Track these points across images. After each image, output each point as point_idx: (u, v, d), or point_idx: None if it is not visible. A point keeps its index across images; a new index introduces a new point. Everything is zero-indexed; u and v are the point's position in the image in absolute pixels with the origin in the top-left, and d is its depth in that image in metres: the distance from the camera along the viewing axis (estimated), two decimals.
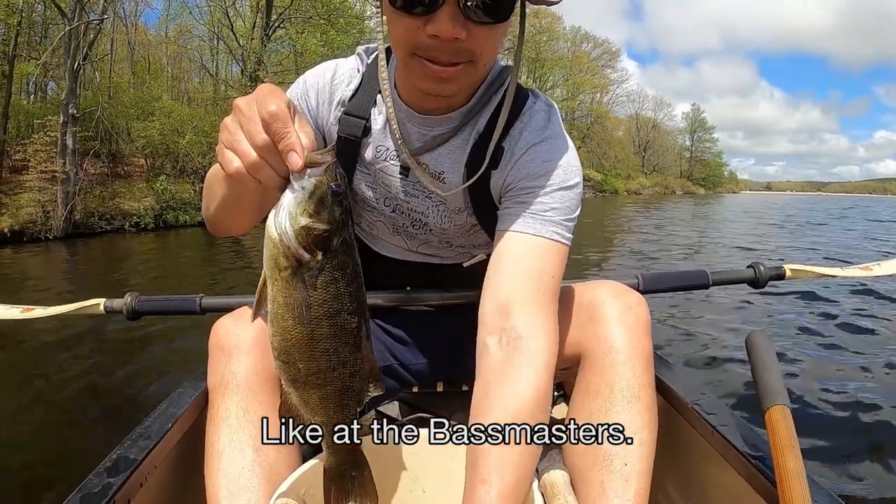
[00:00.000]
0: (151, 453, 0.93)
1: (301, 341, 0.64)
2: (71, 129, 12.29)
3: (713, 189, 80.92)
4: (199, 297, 1.31)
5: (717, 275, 1.40)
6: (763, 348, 0.99)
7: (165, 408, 1.07)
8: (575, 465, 0.93)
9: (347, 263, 0.64)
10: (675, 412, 1.11)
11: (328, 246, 0.61)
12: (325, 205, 0.60)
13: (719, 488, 0.98)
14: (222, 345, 0.97)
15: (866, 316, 4.07)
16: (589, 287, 1.03)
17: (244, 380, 0.93)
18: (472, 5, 0.73)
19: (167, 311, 1.35)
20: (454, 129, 0.96)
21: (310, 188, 0.59)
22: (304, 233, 0.59)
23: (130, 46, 20.23)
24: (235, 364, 0.94)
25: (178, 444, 1.03)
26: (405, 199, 1.03)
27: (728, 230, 13.00)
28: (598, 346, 0.94)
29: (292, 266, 0.61)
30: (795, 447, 0.80)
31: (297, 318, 0.63)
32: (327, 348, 0.65)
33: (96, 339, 3.84)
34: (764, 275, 1.41)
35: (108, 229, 12.55)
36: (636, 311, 0.97)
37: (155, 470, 0.94)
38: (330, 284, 0.63)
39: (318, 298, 0.63)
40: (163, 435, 0.97)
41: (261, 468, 0.89)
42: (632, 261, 8.04)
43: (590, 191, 45.36)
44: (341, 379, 0.69)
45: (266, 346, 0.85)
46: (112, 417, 2.65)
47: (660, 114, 71.28)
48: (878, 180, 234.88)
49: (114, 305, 1.32)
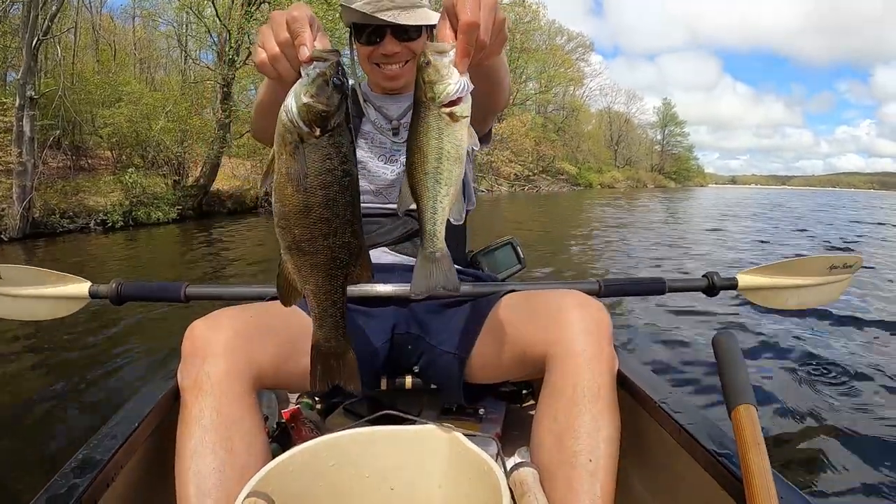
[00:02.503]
0: (118, 453, 0.92)
1: (297, 207, 0.74)
2: (28, 114, 10.48)
3: (683, 183, 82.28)
4: (185, 286, 1.32)
5: (673, 282, 1.47)
6: (730, 349, 1.02)
7: (132, 407, 1.05)
8: (542, 462, 0.96)
9: (342, 144, 0.73)
10: (643, 411, 1.13)
11: (325, 125, 0.71)
12: (325, 89, 0.71)
13: (687, 485, 1.00)
14: (196, 346, 0.97)
15: (832, 314, 4.17)
16: (554, 295, 1.09)
17: (217, 382, 0.93)
18: (400, 37, 1.31)
19: (151, 298, 1.37)
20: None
21: (313, 75, 0.71)
22: (305, 109, 0.70)
23: (95, 31, 19.17)
24: (209, 366, 0.94)
25: (145, 444, 1.01)
26: (395, 149, 1.38)
27: None
28: (562, 350, 0.99)
29: (295, 141, 0.71)
30: (761, 445, 0.82)
31: (295, 187, 0.73)
32: (319, 216, 0.74)
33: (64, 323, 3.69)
34: (717, 284, 1.49)
35: (72, 228, 10.96)
36: (597, 317, 1.02)
37: (122, 470, 0.93)
38: (325, 159, 0.73)
39: (313, 170, 0.72)
40: (129, 434, 0.96)
41: (232, 469, 0.89)
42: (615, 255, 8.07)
43: (564, 184, 45.64)
44: (331, 248, 0.77)
45: (240, 349, 0.96)
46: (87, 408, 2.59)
47: (632, 108, 72.23)
48: (845, 174, 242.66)
49: (99, 290, 1.34)
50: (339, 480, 0.96)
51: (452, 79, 0.72)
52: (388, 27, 1.29)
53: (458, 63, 0.72)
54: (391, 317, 1.27)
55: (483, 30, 0.71)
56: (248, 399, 0.96)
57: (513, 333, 1.08)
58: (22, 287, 1.35)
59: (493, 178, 34.88)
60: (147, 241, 10.23)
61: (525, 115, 43.07)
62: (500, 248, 1.65)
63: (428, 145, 0.75)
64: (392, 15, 1.26)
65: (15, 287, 1.35)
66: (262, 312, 1.10)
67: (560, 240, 10.04)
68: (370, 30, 1.31)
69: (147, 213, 12.31)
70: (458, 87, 0.72)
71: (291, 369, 1.08)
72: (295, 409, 1.34)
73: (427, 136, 0.74)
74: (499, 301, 1.16)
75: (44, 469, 1.99)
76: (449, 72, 0.72)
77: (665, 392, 1.13)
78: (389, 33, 1.30)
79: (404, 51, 1.32)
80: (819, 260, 1.58)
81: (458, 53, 0.71)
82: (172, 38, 22.15)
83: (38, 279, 1.35)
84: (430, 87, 0.72)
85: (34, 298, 1.35)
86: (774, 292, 1.55)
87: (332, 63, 0.72)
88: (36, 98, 10.75)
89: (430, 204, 0.78)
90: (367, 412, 1.39)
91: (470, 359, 1.15)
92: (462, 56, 0.71)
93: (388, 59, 1.33)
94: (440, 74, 0.72)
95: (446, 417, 1.44)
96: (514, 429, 1.48)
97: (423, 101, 0.74)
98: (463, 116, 0.74)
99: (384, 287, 1.25)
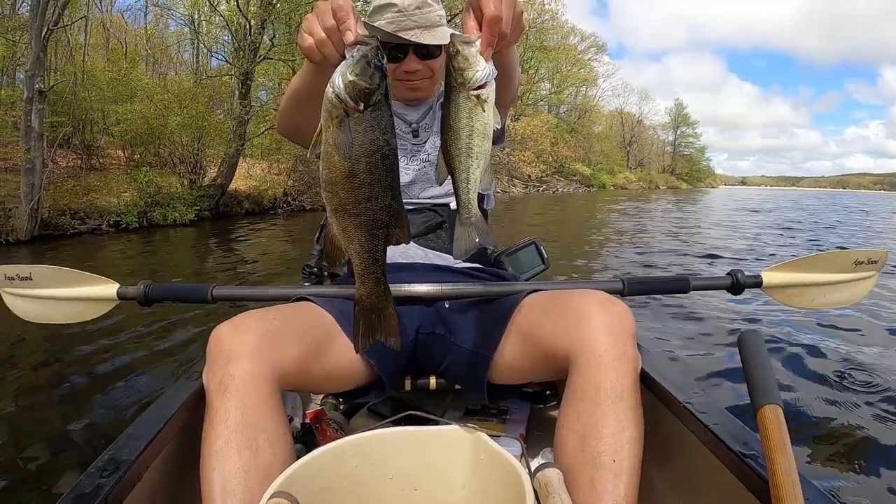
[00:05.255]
0: (144, 454, 0.92)
1: (343, 173, 0.82)
2: (37, 108, 9.52)
3: (695, 184, 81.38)
4: (212, 287, 1.33)
5: (697, 281, 1.45)
6: (755, 347, 1.00)
7: (157, 408, 1.06)
8: (566, 463, 0.96)
9: (382, 118, 0.82)
10: (667, 411, 1.12)
11: (368, 100, 0.80)
12: (368, 69, 0.79)
13: (711, 486, 1.00)
14: (222, 348, 0.98)
15: (860, 313, 4.10)
16: (578, 295, 1.09)
17: (243, 383, 0.95)
18: (420, 55, 1.38)
19: (179, 299, 1.39)
20: (431, 104, 1.51)
21: (357, 56, 0.79)
22: (351, 86, 0.78)
23: (105, 29, 19.01)
24: (234, 367, 0.95)
25: (170, 445, 1.02)
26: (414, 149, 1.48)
27: None
28: (585, 351, 0.99)
29: (341, 115, 0.80)
30: (788, 446, 0.81)
31: (342, 155, 0.81)
32: (363, 181, 0.82)
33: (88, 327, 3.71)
34: (742, 282, 1.47)
35: (83, 230, 10.28)
36: (621, 317, 1.01)
37: (147, 470, 0.94)
38: (368, 130, 0.81)
39: (357, 140, 0.81)
40: (155, 435, 0.97)
41: (257, 470, 0.90)
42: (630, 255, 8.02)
43: (578, 185, 45.40)
44: (373, 210, 0.85)
45: (264, 351, 0.98)
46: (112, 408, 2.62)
47: (645, 108, 71.62)
48: (854, 175, 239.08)
49: (128, 292, 1.36)
50: (363, 481, 0.96)
51: (479, 66, 0.81)
52: (411, 46, 1.37)
53: (483, 52, 0.81)
54: (416, 317, 1.28)
55: (504, 22, 0.80)
56: (273, 400, 0.97)
57: (536, 333, 1.09)
58: (53, 289, 1.36)
59: (507, 178, 34.73)
60: (163, 243, 9.86)
61: (544, 115, 42.95)
62: (523, 249, 1.66)
63: (459, 124, 0.85)
64: (415, 34, 1.34)
65: (46, 289, 1.36)
66: (285, 315, 1.11)
67: (581, 240, 9.96)
68: (393, 47, 1.38)
69: (163, 215, 11.71)
70: (484, 73, 0.82)
71: (316, 371, 1.09)
72: (319, 409, 1.35)
73: (458, 116, 0.85)
74: (522, 301, 1.16)
75: (72, 469, 2.01)
76: (476, 60, 0.81)
77: (689, 392, 1.12)
78: (412, 51, 1.39)
79: (425, 68, 1.42)
80: (842, 255, 1.55)
81: (483, 44, 0.81)
82: (185, 38, 22.07)
83: (69, 280, 1.36)
84: (459, 74, 0.82)
85: (65, 300, 1.36)
86: (800, 290, 1.52)
87: (373, 46, 0.80)
88: (45, 91, 9.88)
89: (464, 176, 0.88)
90: (390, 413, 1.40)
91: (494, 359, 1.15)
92: (486, 46, 0.81)
93: (410, 75, 1.41)
94: (469, 62, 0.81)
95: (470, 418, 1.45)
96: (538, 430, 1.48)
97: (453, 87, 0.84)
98: (489, 98, 0.84)
99: (409, 287, 1.26)
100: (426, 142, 1.49)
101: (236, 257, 7.94)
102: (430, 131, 1.50)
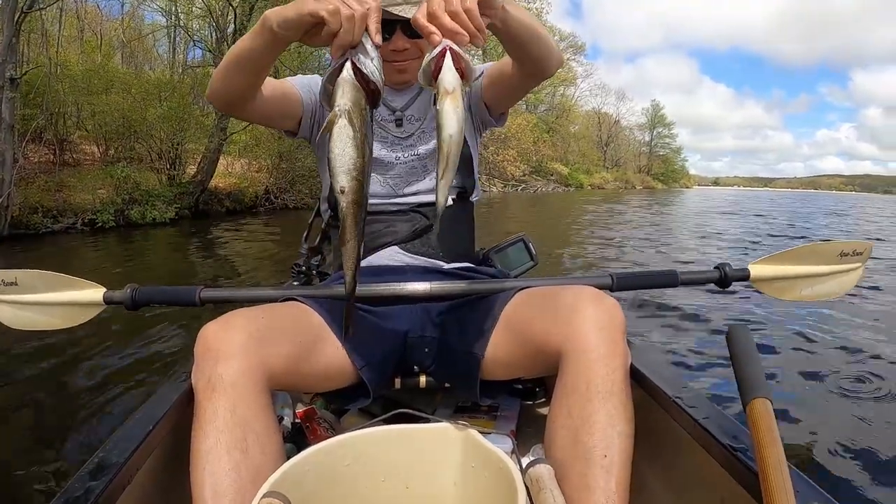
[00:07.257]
0: (134, 455, 0.92)
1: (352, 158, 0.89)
2: (8, 97, 8.97)
3: (670, 185, 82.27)
4: (199, 289, 1.31)
5: (685, 275, 1.46)
6: (743, 341, 1.01)
7: (147, 409, 1.05)
8: (557, 458, 0.96)
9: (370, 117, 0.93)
10: (657, 406, 1.13)
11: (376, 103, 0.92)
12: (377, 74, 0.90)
13: (702, 479, 1.01)
14: (209, 347, 0.97)
15: (847, 305, 4.17)
16: (568, 291, 1.08)
17: (231, 382, 0.93)
18: (408, 33, 1.29)
19: (166, 302, 1.37)
20: (418, 90, 1.43)
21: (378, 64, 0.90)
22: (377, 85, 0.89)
23: (80, 19, 18.42)
24: (223, 367, 0.94)
25: (160, 446, 1.01)
26: (400, 137, 1.42)
27: None
28: (576, 346, 0.98)
29: (361, 107, 0.88)
30: (777, 439, 0.82)
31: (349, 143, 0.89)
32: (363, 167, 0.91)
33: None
34: (729, 276, 1.48)
35: (56, 229, 9.78)
36: (611, 313, 1.01)
37: (138, 472, 0.93)
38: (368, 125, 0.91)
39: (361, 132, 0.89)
40: (145, 437, 0.96)
41: (247, 470, 0.89)
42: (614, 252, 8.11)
43: (557, 185, 45.63)
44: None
45: (253, 350, 0.97)
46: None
47: (622, 108, 72.27)
48: (826, 176, 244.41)
49: (114, 296, 1.33)
50: (355, 480, 0.95)
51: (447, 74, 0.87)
52: (398, 23, 1.28)
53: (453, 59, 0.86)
54: (405, 322, 1.28)
55: (464, 28, 0.86)
56: (263, 399, 0.96)
57: (527, 330, 1.09)
58: (39, 294, 1.33)
59: (487, 178, 34.80)
60: (143, 243, 9.46)
61: (526, 115, 43.08)
62: (511, 246, 1.66)
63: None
64: (403, 10, 1.26)
65: (33, 294, 1.33)
66: (274, 314, 1.10)
67: (566, 238, 10.03)
68: None
69: (141, 213, 11.23)
70: (455, 78, 0.87)
71: (305, 370, 1.08)
72: (309, 408, 1.34)
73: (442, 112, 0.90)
74: (512, 298, 1.17)
75: (61, 473, 1.99)
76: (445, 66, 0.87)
77: (678, 386, 1.13)
78: (399, 29, 1.29)
79: (413, 48, 1.32)
80: (827, 246, 1.57)
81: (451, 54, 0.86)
82: (160, 31, 21.44)
83: (55, 285, 1.33)
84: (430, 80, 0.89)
85: (52, 306, 1.34)
86: (788, 282, 1.54)
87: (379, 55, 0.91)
88: (17, 79, 9.42)
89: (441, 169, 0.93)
90: (381, 411, 1.39)
91: (485, 356, 1.15)
92: (453, 55, 0.86)
93: (397, 54, 1.32)
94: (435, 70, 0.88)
95: (461, 415, 1.44)
96: (528, 426, 1.48)
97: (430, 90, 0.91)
98: (460, 96, 0.88)
99: (398, 286, 1.26)
100: (411, 135, 1.43)
101: (220, 258, 7.79)
102: (416, 124, 1.43)
